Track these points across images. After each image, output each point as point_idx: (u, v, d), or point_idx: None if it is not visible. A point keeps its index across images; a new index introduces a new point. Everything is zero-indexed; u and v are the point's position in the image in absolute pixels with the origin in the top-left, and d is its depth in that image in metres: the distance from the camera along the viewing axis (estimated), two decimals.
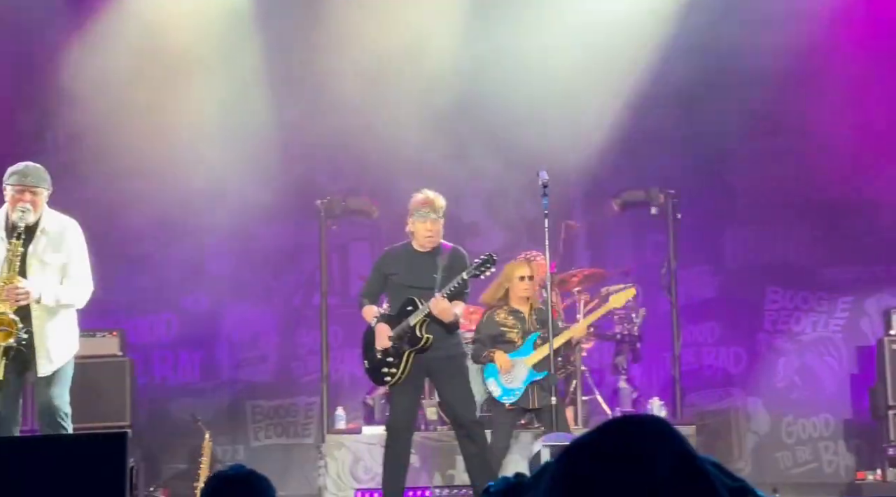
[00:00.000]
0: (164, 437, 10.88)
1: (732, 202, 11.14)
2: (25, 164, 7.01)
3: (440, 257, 8.01)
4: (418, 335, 7.87)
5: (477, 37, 10.90)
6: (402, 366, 7.87)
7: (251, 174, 11.20)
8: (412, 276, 7.99)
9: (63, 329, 6.99)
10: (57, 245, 6.96)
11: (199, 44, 10.99)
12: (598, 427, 2.12)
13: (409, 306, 7.91)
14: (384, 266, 8.19)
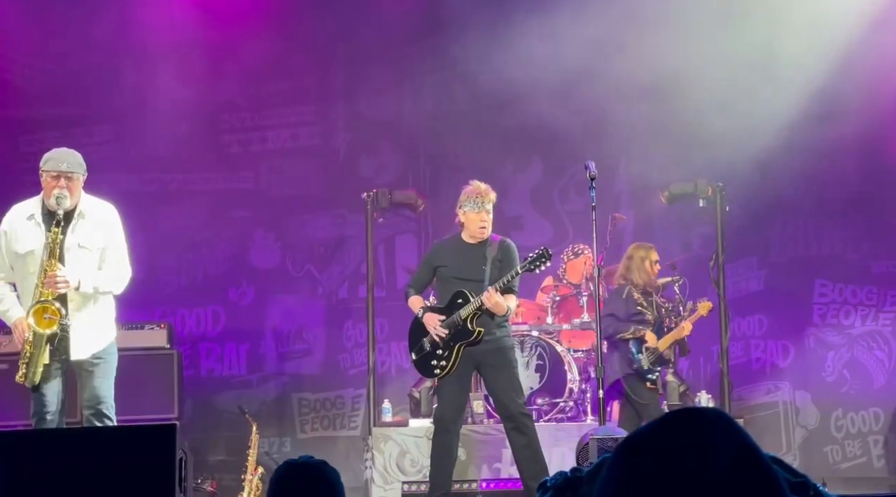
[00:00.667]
0: (211, 429, 10.93)
1: (781, 194, 11.05)
2: (60, 149, 6.94)
3: (489, 249, 7.98)
4: (470, 328, 7.85)
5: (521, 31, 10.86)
6: (452, 358, 7.86)
7: (297, 167, 11.25)
8: (461, 268, 7.96)
9: (99, 315, 6.93)
10: (95, 230, 6.90)
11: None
12: (657, 419, 2.09)
13: (459, 299, 7.89)
14: (433, 258, 8.17)
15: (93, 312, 6.87)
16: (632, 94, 10.67)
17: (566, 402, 9.35)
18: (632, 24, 10.65)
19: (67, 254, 6.79)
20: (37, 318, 6.61)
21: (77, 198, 6.86)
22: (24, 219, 6.88)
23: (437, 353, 7.93)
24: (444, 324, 7.90)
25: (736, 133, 10.63)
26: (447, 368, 7.90)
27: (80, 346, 6.79)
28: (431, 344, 7.96)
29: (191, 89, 11.26)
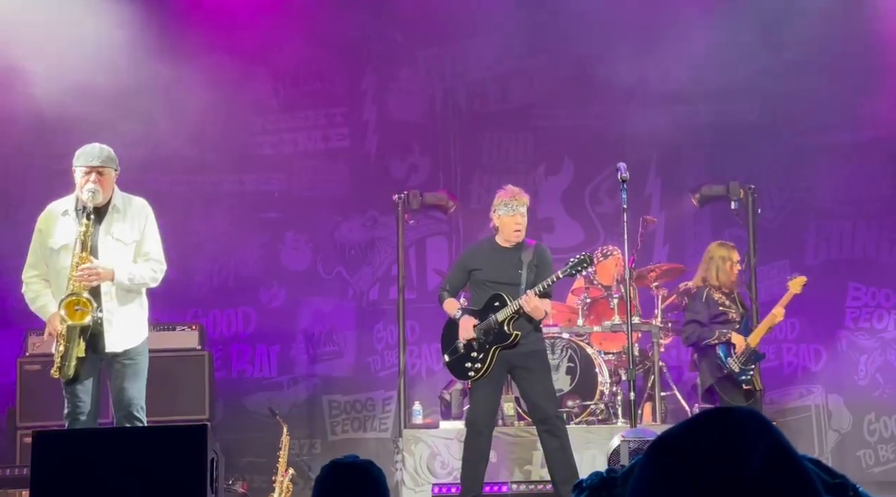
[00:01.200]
0: (241, 430, 10.94)
1: (813, 197, 11.00)
2: (93, 145, 6.96)
3: (524, 253, 7.98)
4: (507, 331, 7.85)
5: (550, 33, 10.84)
6: (487, 361, 7.86)
7: (328, 168, 11.27)
8: (496, 271, 7.96)
9: (134, 311, 6.94)
10: (129, 224, 6.92)
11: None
12: (688, 418, 2.07)
13: (496, 302, 7.89)
14: (468, 261, 8.17)
15: (128, 308, 6.88)
16: (663, 96, 10.64)
17: (597, 405, 9.32)
18: (661, 27, 10.62)
19: (101, 247, 6.80)
20: (68, 311, 6.62)
21: (110, 192, 6.88)
22: (59, 215, 6.91)
23: (472, 355, 7.93)
24: (480, 327, 7.90)
25: (769, 135, 10.59)
26: (482, 371, 7.90)
27: (115, 339, 6.79)
28: (466, 346, 7.96)
29: (222, 91, 11.29)
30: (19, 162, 11.18)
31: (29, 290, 6.97)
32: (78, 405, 6.78)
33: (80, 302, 6.63)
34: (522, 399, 8.34)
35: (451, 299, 8.14)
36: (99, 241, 6.81)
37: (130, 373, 6.86)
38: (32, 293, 6.95)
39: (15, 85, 10.46)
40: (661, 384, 9.61)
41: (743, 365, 8.65)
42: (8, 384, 9.98)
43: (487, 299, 7.94)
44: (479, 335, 7.91)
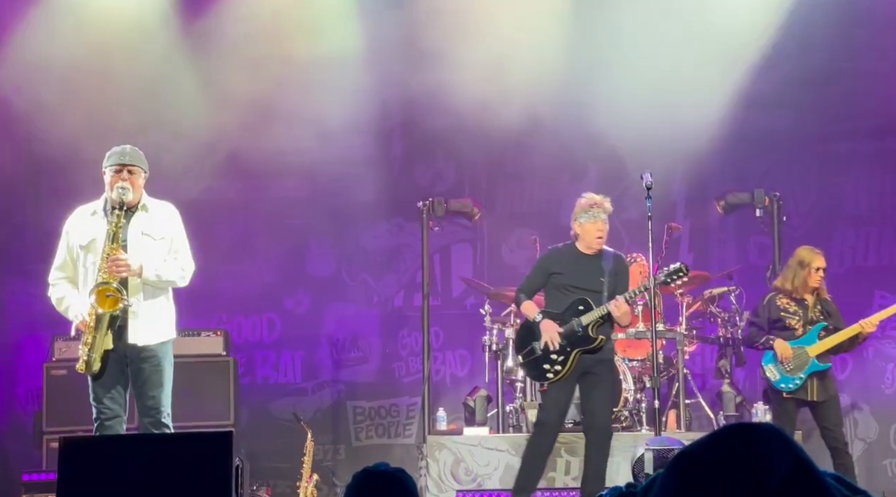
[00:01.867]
0: (266, 436, 10.97)
1: (839, 204, 10.96)
2: (123, 145, 7.00)
3: (605, 261, 8.02)
4: (591, 335, 7.88)
5: (578, 40, 10.84)
6: (567, 364, 7.87)
7: (353, 175, 11.29)
8: (579, 277, 7.97)
9: (161, 310, 6.93)
10: (157, 223, 6.94)
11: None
12: (709, 434, 2.07)
13: (580, 306, 7.90)
14: (550, 264, 8.14)
15: (154, 306, 6.87)
16: (688, 103, 10.62)
17: (621, 412, 9.31)
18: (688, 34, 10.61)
19: (131, 242, 6.81)
20: (99, 298, 6.61)
21: (139, 193, 6.92)
22: (87, 215, 6.95)
23: (552, 357, 7.92)
24: (562, 330, 7.91)
25: (795, 143, 10.57)
26: (562, 373, 7.91)
27: (138, 332, 6.77)
28: (544, 348, 7.94)
29: (248, 96, 11.33)
30: (48, 168, 11.24)
31: (55, 291, 6.98)
32: (104, 411, 6.78)
33: (111, 290, 6.62)
34: (582, 403, 8.27)
35: (530, 302, 8.13)
36: (128, 238, 6.83)
37: (157, 379, 6.84)
38: (59, 294, 6.95)
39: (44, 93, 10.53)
40: (686, 392, 9.60)
41: (788, 372, 8.54)
42: (35, 389, 10.04)
43: (570, 303, 7.94)
44: (561, 338, 7.90)
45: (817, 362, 8.47)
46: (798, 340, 8.54)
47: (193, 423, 8.89)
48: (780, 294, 8.66)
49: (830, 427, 8.51)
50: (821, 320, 8.59)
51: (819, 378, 8.53)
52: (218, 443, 5.77)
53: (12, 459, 10.52)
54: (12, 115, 10.62)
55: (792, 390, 8.49)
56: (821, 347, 8.50)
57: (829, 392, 8.55)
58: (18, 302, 10.97)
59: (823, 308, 8.64)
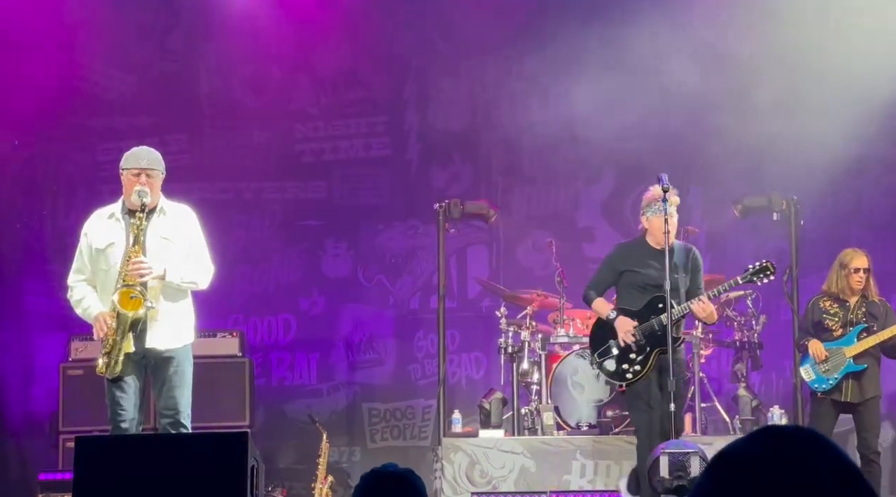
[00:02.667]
0: (281, 437, 10.98)
1: (858, 208, 10.92)
2: (140, 148, 7.00)
3: (678, 256, 7.78)
4: (674, 335, 7.63)
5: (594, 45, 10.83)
6: (647, 363, 7.70)
7: (369, 177, 11.30)
8: (653, 275, 7.74)
9: (180, 314, 6.93)
10: (176, 225, 6.94)
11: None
12: (746, 435, 2.05)
13: (660, 303, 7.68)
14: (620, 261, 7.96)
15: (175, 309, 6.88)
16: (706, 106, 10.61)
17: None
18: (706, 37, 10.60)
19: (150, 245, 6.80)
20: (122, 300, 6.60)
21: (157, 196, 6.92)
22: (105, 218, 6.94)
23: (630, 357, 7.76)
24: (640, 328, 7.73)
25: (811, 146, 10.53)
26: (641, 373, 7.73)
27: (160, 336, 6.77)
28: (621, 348, 7.80)
29: (264, 99, 11.37)
30: (66, 170, 11.29)
31: (74, 293, 6.96)
32: (119, 413, 6.76)
33: (135, 292, 6.61)
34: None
35: (602, 299, 7.94)
36: (147, 240, 6.82)
37: (177, 380, 6.84)
38: (78, 295, 6.93)
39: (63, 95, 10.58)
40: (702, 395, 9.57)
41: (823, 373, 8.52)
42: (51, 389, 10.07)
43: (649, 300, 7.74)
44: (639, 337, 7.73)
45: (853, 363, 8.45)
46: (836, 342, 8.53)
47: (209, 423, 8.90)
48: (824, 296, 8.66)
49: (863, 433, 8.47)
50: (862, 322, 8.53)
51: (855, 379, 8.48)
52: (234, 443, 5.78)
53: (29, 459, 10.56)
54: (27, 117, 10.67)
55: (826, 390, 8.47)
56: (858, 348, 8.46)
57: (865, 395, 8.46)
58: (36, 302, 11.01)
59: (868, 310, 8.58)
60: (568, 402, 9.36)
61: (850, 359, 8.45)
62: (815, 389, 8.54)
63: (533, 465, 9.02)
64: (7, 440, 10.86)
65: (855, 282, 8.57)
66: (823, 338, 8.56)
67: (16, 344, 10.97)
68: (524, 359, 9.58)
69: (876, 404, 8.59)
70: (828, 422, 8.49)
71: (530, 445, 9.07)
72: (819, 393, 8.50)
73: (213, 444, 5.87)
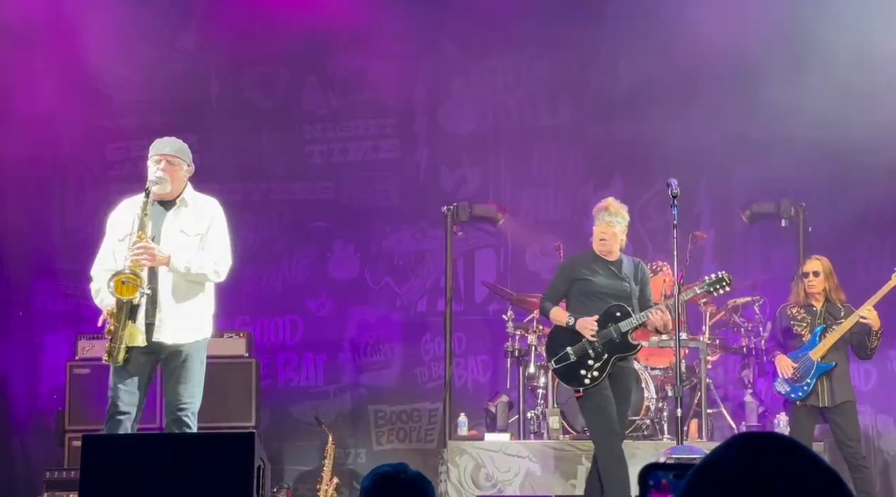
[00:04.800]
0: (287, 438, 10.99)
1: (867, 214, 10.90)
2: (167, 138, 6.92)
3: (626, 266, 7.97)
4: (630, 343, 7.83)
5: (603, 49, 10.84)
6: (605, 370, 7.79)
7: (377, 179, 11.30)
8: (605, 283, 7.91)
9: (193, 308, 6.79)
10: (195, 217, 6.83)
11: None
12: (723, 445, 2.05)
13: (617, 312, 7.82)
14: (572, 271, 8.07)
15: (186, 304, 6.76)
16: (715, 112, 10.61)
17: (643, 420, 9.29)
18: (715, 44, 10.59)
19: (165, 237, 6.71)
20: (116, 286, 6.48)
21: (180, 186, 6.83)
22: (129, 209, 6.83)
23: (588, 363, 7.83)
24: (598, 335, 7.83)
25: (822, 152, 10.52)
26: (598, 379, 7.81)
27: (166, 331, 6.66)
28: (578, 354, 7.86)
29: (274, 100, 11.39)
30: (76, 170, 11.31)
31: (94, 284, 6.86)
32: (118, 404, 6.67)
33: (126, 276, 6.48)
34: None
35: (558, 307, 8.02)
36: (163, 231, 6.73)
37: (182, 375, 6.73)
38: (97, 286, 6.82)
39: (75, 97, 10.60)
40: (708, 401, 9.57)
41: (796, 382, 8.55)
42: (58, 387, 10.08)
43: (607, 308, 7.85)
44: (598, 344, 7.83)
45: (820, 364, 8.49)
46: (803, 348, 8.57)
47: (215, 423, 8.91)
48: (790, 304, 8.74)
49: (846, 440, 8.46)
50: (822, 324, 8.58)
51: (829, 381, 8.51)
52: (240, 443, 5.78)
53: (35, 457, 10.57)
54: (36, 117, 10.68)
55: (803, 397, 8.51)
56: (821, 348, 8.53)
57: (836, 399, 8.48)
58: (43, 300, 11.03)
59: (829, 312, 8.65)
60: (574, 406, 9.35)
61: (818, 361, 8.49)
62: (792, 399, 8.58)
63: (538, 468, 9.03)
64: (13, 438, 10.88)
65: (808, 286, 8.66)
66: (793, 345, 8.65)
67: (23, 342, 10.99)
68: (530, 362, 9.59)
69: (851, 409, 8.59)
70: (807, 427, 8.55)
71: (536, 449, 9.07)
72: (797, 401, 8.54)
73: (220, 445, 5.87)
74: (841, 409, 8.52)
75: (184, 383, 6.75)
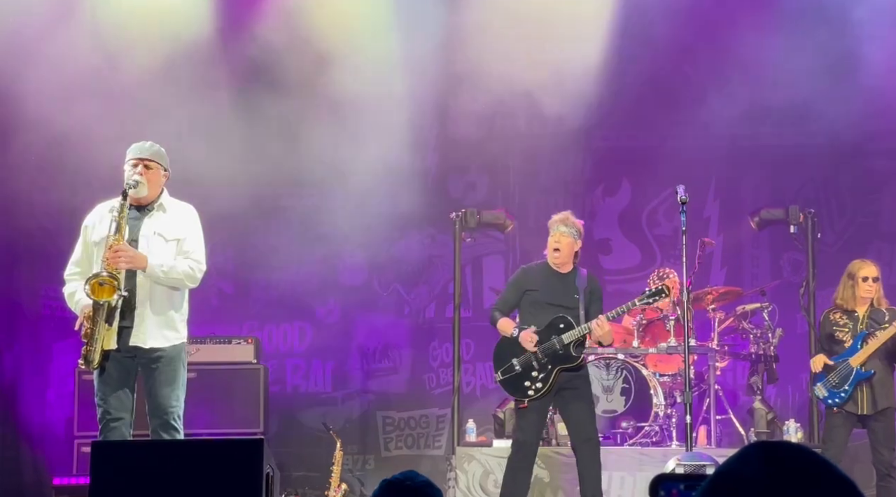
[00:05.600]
0: (295, 444, 10.99)
1: (877, 221, 10.89)
2: (145, 142, 6.92)
3: (579, 279, 8.05)
4: (573, 354, 7.90)
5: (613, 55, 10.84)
6: (549, 381, 7.87)
7: (386, 186, 11.30)
8: (554, 294, 8.01)
9: (169, 314, 6.74)
10: (172, 221, 6.81)
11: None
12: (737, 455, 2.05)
13: (561, 324, 7.92)
14: (523, 282, 8.17)
15: (162, 309, 6.71)
16: (723, 118, 10.60)
17: (651, 427, 9.28)
18: (724, 50, 10.60)
19: (143, 241, 6.69)
20: (93, 289, 6.44)
21: (156, 190, 6.82)
22: (106, 212, 6.79)
23: (532, 375, 7.92)
24: (542, 347, 7.91)
25: (831, 158, 10.52)
26: (543, 391, 7.90)
27: (142, 335, 6.62)
28: (523, 365, 7.94)
29: (283, 105, 11.38)
30: (82, 177, 11.31)
31: (68, 286, 6.85)
32: (109, 411, 6.63)
33: (104, 278, 6.45)
34: (565, 419, 8.27)
35: (506, 318, 8.13)
36: (140, 236, 6.71)
37: (164, 378, 6.68)
38: (71, 289, 6.80)
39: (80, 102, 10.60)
40: (717, 408, 9.56)
41: (833, 387, 8.50)
42: (66, 393, 10.09)
43: (551, 320, 7.94)
44: (541, 356, 7.91)
45: (860, 371, 8.41)
46: (843, 353, 8.50)
47: (223, 430, 8.92)
48: (834, 309, 8.64)
49: (879, 447, 8.41)
50: (865, 329, 8.51)
51: (869, 389, 8.42)
52: (249, 450, 5.78)
53: (44, 463, 10.58)
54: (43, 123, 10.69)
55: (840, 404, 8.43)
56: (862, 355, 8.42)
57: (878, 406, 8.39)
58: (52, 306, 11.03)
59: (872, 317, 8.55)
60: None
61: (857, 367, 8.42)
62: (829, 405, 8.51)
63: (546, 475, 9.02)
64: (22, 444, 10.88)
65: (864, 290, 8.55)
66: (836, 350, 8.55)
67: (32, 348, 11.00)
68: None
69: (890, 416, 8.51)
70: (841, 433, 8.46)
71: (544, 456, 9.05)
72: (834, 407, 8.47)
73: (229, 451, 5.87)
74: (881, 417, 8.43)
75: (168, 387, 6.70)
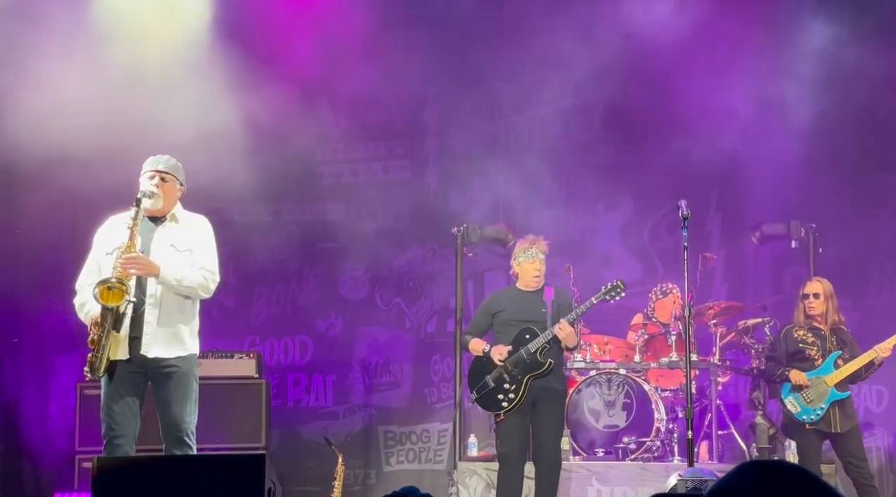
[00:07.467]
0: (296, 459, 10.98)
1: (878, 235, 10.89)
2: (162, 155, 6.93)
3: (546, 295, 8.29)
4: (540, 360, 8.13)
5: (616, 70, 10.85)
6: (521, 391, 8.10)
7: (387, 200, 11.32)
8: (521, 311, 8.26)
9: (180, 325, 6.70)
10: (185, 232, 6.82)
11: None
12: (733, 470, 2.05)
13: (526, 335, 8.18)
14: (492, 305, 8.47)
15: (172, 321, 6.67)
16: (725, 133, 10.61)
17: (653, 442, 9.27)
18: (725, 65, 10.61)
19: (155, 251, 6.68)
20: (102, 294, 6.41)
21: (171, 203, 6.84)
22: (118, 225, 6.79)
23: (504, 387, 8.14)
24: (510, 359, 8.15)
25: (833, 173, 10.52)
26: (516, 401, 8.11)
27: (153, 345, 6.57)
28: (496, 380, 8.18)
29: (284, 121, 11.38)
30: (87, 188, 11.31)
31: (79, 297, 6.81)
32: (113, 428, 6.61)
33: (112, 283, 6.42)
34: (532, 434, 8.33)
35: (476, 339, 8.41)
36: (153, 246, 6.70)
37: (177, 395, 6.64)
38: (82, 299, 6.77)
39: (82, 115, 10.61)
40: (718, 423, 9.54)
41: (808, 404, 8.55)
42: (68, 408, 10.08)
43: (517, 334, 8.20)
44: (510, 368, 8.14)
45: (836, 391, 8.54)
46: (816, 371, 8.59)
47: (224, 445, 8.91)
48: (796, 326, 8.75)
49: (856, 461, 8.51)
50: (836, 349, 8.65)
51: (841, 408, 8.56)
52: (251, 465, 5.78)
53: (45, 479, 10.56)
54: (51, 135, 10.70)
55: (815, 422, 8.52)
56: (838, 376, 8.58)
57: (851, 422, 8.58)
58: (54, 321, 11.03)
59: (839, 337, 8.70)
60: (584, 427, 9.35)
61: (833, 387, 8.53)
62: (802, 421, 8.57)
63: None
64: (23, 459, 10.87)
65: (807, 307, 8.71)
66: (804, 368, 8.66)
67: (34, 363, 11.00)
68: None
69: (859, 432, 8.73)
70: (815, 448, 8.63)
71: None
72: (808, 424, 8.53)
73: (231, 466, 5.87)
74: (853, 434, 8.59)
75: (181, 403, 6.66)
